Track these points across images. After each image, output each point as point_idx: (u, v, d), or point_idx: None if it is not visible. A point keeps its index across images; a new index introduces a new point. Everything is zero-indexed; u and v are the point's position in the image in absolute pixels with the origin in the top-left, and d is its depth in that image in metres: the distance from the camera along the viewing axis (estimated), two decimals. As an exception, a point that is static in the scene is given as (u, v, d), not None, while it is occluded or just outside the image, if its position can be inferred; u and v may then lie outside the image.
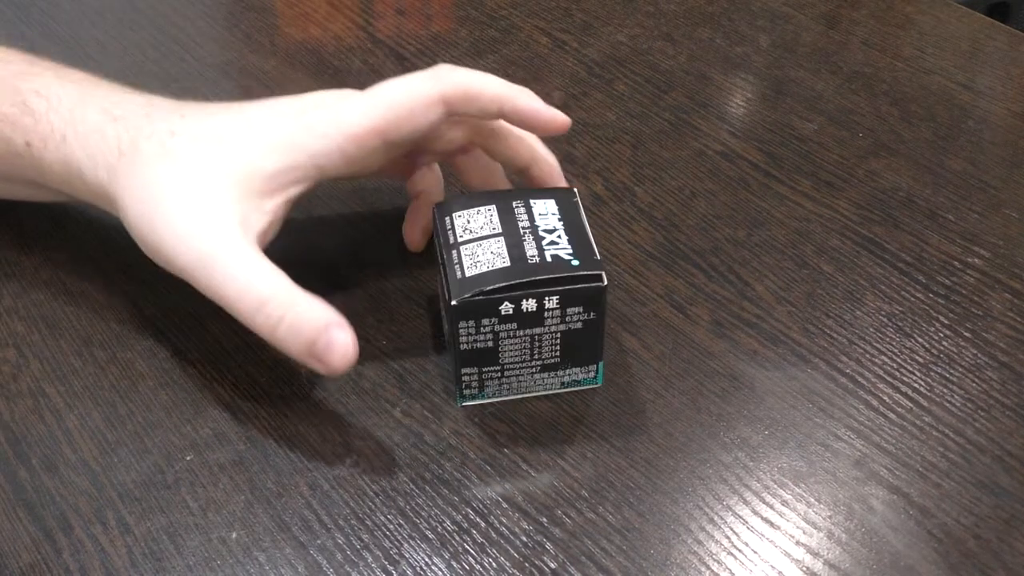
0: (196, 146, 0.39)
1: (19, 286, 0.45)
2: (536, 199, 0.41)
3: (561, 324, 0.39)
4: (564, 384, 0.41)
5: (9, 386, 0.41)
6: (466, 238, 0.39)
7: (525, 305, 0.37)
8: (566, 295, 0.38)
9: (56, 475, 0.38)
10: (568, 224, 0.40)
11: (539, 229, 0.39)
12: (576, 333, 0.39)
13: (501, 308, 0.37)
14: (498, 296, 0.37)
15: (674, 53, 0.61)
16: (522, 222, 0.39)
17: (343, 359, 0.36)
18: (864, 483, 0.39)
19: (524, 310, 0.38)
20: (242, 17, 0.63)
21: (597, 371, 0.41)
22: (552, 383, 0.41)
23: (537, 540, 0.37)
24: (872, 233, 0.50)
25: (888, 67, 0.60)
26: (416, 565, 0.36)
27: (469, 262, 0.38)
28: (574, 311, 0.38)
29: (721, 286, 0.47)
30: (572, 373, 0.41)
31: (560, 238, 0.39)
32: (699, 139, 0.55)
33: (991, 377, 0.43)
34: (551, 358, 0.40)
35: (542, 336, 0.39)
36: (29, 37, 0.60)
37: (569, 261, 0.38)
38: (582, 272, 0.38)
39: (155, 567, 0.36)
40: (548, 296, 0.37)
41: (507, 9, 0.65)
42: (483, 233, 0.39)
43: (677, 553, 0.37)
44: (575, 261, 0.38)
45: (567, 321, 0.38)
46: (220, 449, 0.39)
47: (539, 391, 0.41)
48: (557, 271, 0.37)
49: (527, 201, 0.40)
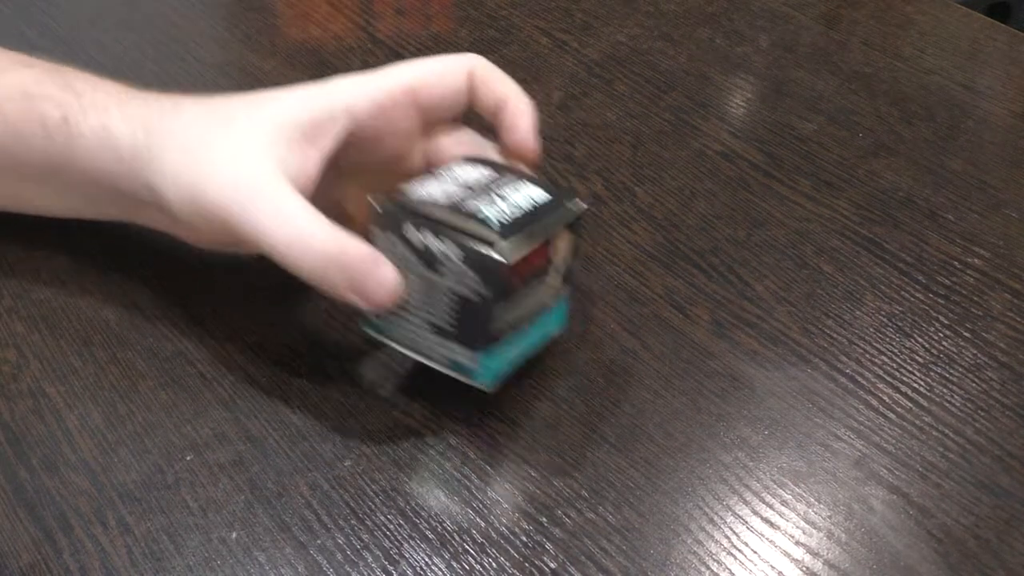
0: (235, 102, 0.40)
1: (19, 286, 0.45)
2: (536, 187, 0.39)
3: (457, 285, 0.37)
4: (450, 364, 0.38)
5: (9, 386, 0.41)
6: (443, 175, 0.39)
7: (431, 241, 0.36)
8: (468, 255, 0.36)
9: (56, 475, 0.38)
10: (535, 213, 0.38)
11: (505, 198, 0.38)
12: (469, 305, 0.37)
13: (410, 232, 0.37)
14: (412, 217, 0.37)
15: (674, 53, 0.61)
16: (499, 188, 0.38)
17: (389, 293, 0.37)
18: (864, 483, 0.39)
19: (428, 247, 0.36)
20: (242, 17, 0.63)
21: (484, 367, 0.38)
22: (441, 355, 0.39)
23: (537, 540, 0.37)
24: (872, 233, 0.50)
25: (888, 67, 0.60)
26: (416, 565, 0.36)
27: (420, 186, 0.38)
28: (471, 276, 0.36)
29: (721, 286, 0.47)
30: (456, 351, 0.38)
31: (512, 212, 0.37)
32: (699, 139, 0.55)
33: (991, 377, 0.43)
34: (442, 320, 0.38)
35: (439, 289, 0.37)
36: (29, 37, 0.60)
37: (491, 225, 0.36)
38: (491, 240, 0.36)
39: (155, 567, 0.36)
40: (451, 243, 0.36)
41: (507, 9, 0.65)
42: (459, 179, 0.39)
43: (677, 553, 0.37)
44: (496, 226, 0.36)
45: (463, 284, 0.36)
46: (220, 449, 0.39)
47: (430, 361, 0.39)
48: (469, 224, 0.36)
49: (526, 183, 0.39)
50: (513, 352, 0.39)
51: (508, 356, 0.39)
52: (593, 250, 0.48)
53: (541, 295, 0.39)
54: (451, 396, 0.41)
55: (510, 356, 0.39)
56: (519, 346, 0.39)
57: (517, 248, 0.36)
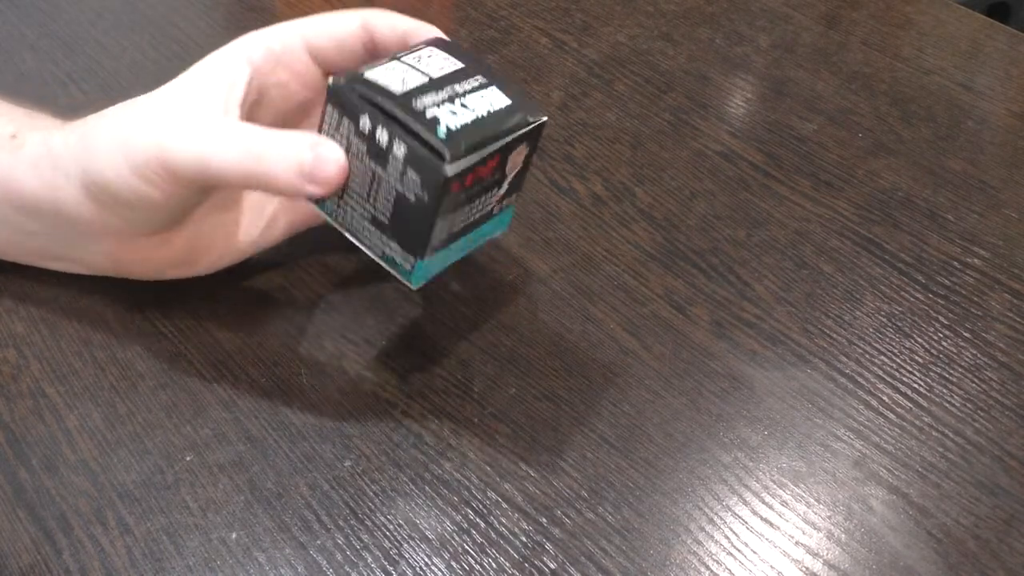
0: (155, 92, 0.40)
1: (19, 286, 0.45)
2: (498, 90, 0.38)
3: (398, 183, 0.36)
4: (384, 257, 0.38)
5: (9, 386, 0.41)
6: (407, 61, 0.38)
7: (378, 133, 0.36)
8: (411, 154, 0.35)
9: (56, 475, 0.38)
10: (489, 120, 0.37)
11: (462, 99, 0.37)
12: (409, 206, 0.36)
13: (360, 120, 0.36)
14: (362, 104, 0.36)
15: (674, 53, 0.61)
16: (459, 87, 0.37)
17: (337, 168, 0.36)
18: (863, 483, 0.39)
19: (376, 138, 0.36)
20: (242, 17, 0.63)
21: (415, 268, 0.37)
22: (376, 246, 0.38)
23: (537, 540, 0.37)
24: (872, 233, 0.50)
25: (888, 67, 0.60)
26: (416, 565, 0.36)
27: (381, 71, 0.37)
28: (413, 177, 0.35)
29: (721, 286, 0.47)
30: (393, 249, 0.38)
31: (464, 116, 0.36)
32: (699, 139, 0.55)
33: (990, 377, 0.43)
34: (382, 215, 0.37)
35: (381, 182, 0.36)
36: (29, 37, 0.60)
37: (439, 128, 0.35)
38: (432, 143, 0.35)
39: (155, 567, 0.36)
40: (397, 139, 0.35)
41: (507, 9, 0.65)
42: (421, 68, 0.38)
43: (677, 553, 0.37)
44: (442, 132, 0.35)
45: (404, 184, 0.36)
46: (220, 449, 0.39)
47: (365, 247, 0.39)
48: (416, 123, 0.35)
49: (489, 84, 0.38)
50: (450, 256, 0.39)
51: (443, 259, 0.39)
52: (593, 250, 0.48)
53: (487, 204, 0.39)
54: (451, 396, 0.41)
55: (446, 259, 0.39)
56: (456, 250, 0.39)
57: (462, 159, 0.35)
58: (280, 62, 0.41)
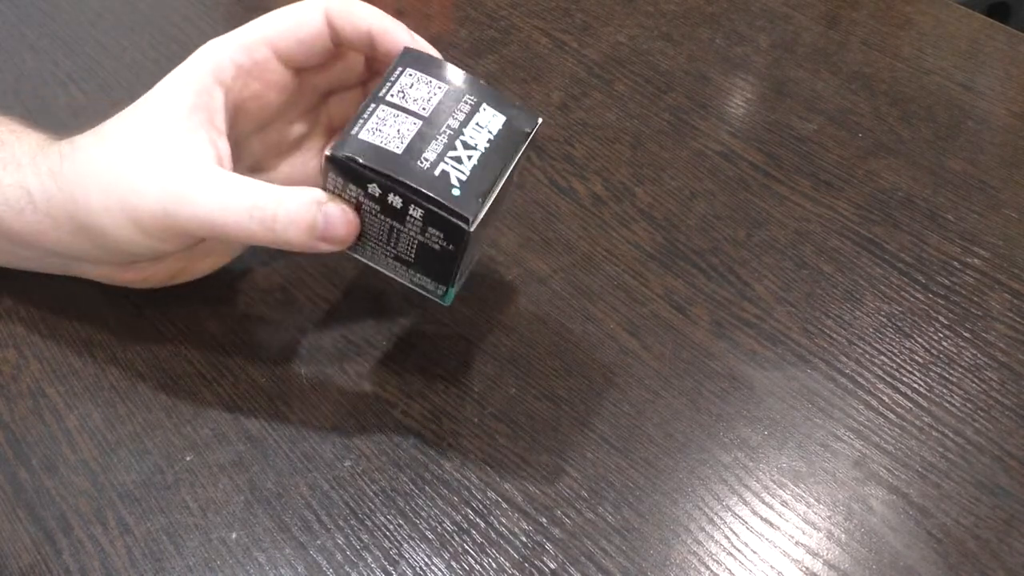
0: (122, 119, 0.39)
1: (19, 286, 0.45)
2: (489, 107, 0.38)
3: (420, 235, 0.37)
4: (413, 282, 0.39)
5: (9, 386, 0.41)
6: (393, 100, 0.37)
7: (391, 199, 0.36)
8: (429, 215, 0.36)
9: (56, 475, 0.38)
10: (492, 151, 0.37)
11: (461, 137, 0.37)
12: (433, 251, 0.37)
13: (369, 187, 0.36)
14: (369, 174, 0.36)
15: (674, 53, 0.61)
16: (453, 120, 0.37)
17: (347, 228, 0.37)
18: (863, 483, 0.39)
19: (388, 202, 0.36)
20: (242, 18, 0.63)
21: (446, 293, 0.39)
22: (403, 274, 0.39)
23: (537, 540, 0.37)
24: (872, 233, 0.50)
25: (888, 67, 0.61)
26: (416, 565, 0.36)
27: (374, 125, 0.37)
28: (435, 232, 0.36)
29: (721, 286, 0.47)
30: (422, 279, 0.39)
31: (470, 159, 0.36)
32: (699, 139, 0.55)
33: (990, 377, 0.43)
34: (406, 256, 0.38)
35: (400, 232, 0.37)
36: (29, 37, 0.60)
37: (452, 187, 0.36)
38: (451, 206, 0.35)
39: (155, 567, 0.36)
40: (413, 204, 0.36)
41: (507, 9, 0.65)
42: (410, 107, 0.37)
43: (677, 553, 0.37)
44: (456, 191, 0.36)
45: (427, 236, 0.36)
46: (220, 449, 0.39)
47: (391, 274, 0.39)
48: (431, 189, 0.35)
49: (479, 104, 0.38)
50: (469, 267, 0.40)
51: (465, 273, 0.39)
52: (593, 250, 0.48)
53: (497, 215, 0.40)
54: (451, 396, 0.41)
55: (467, 272, 0.40)
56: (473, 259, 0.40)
57: (480, 211, 0.36)
58: (251, 75, 0.40)
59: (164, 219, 0.37)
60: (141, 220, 0.37)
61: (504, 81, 0.58)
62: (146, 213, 0.37)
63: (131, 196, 0.37)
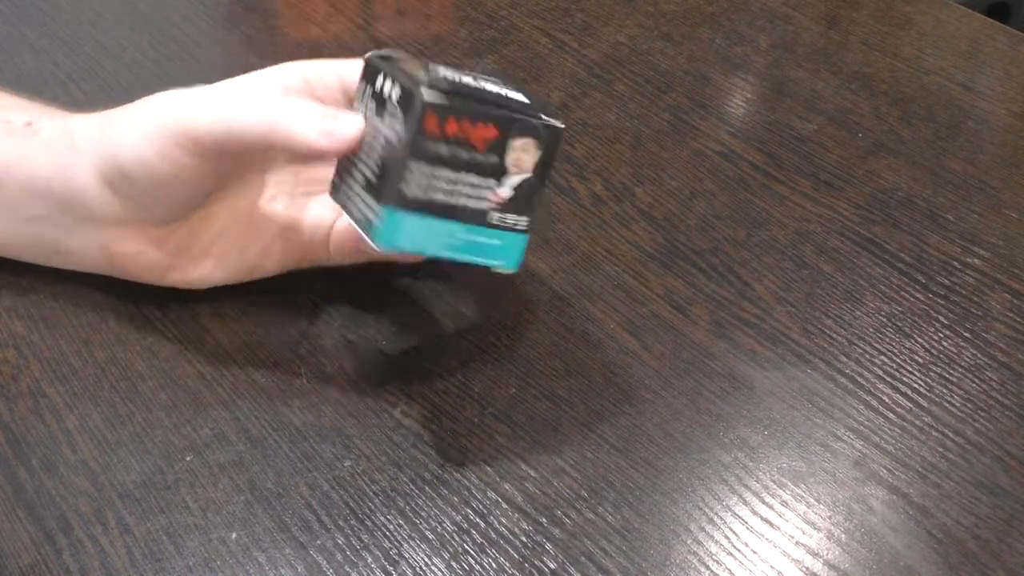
0: None
1: (19, 286, 0.45)
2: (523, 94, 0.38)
3: (389, 129, 0.36)
4: (364, 220, 0.37)
5: (9, 386, 0.41)
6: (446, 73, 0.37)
7: (385, 84, 0.36)
8: (403, 92, 0.35)
9: (56, 475, 0.38)
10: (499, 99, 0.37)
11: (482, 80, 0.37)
12: (391, 149, 0.35)
13: (377, 79, 0.37)
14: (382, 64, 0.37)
15: (674, 53, 0.61)
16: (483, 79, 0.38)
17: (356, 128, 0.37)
18: (864, 483, 0.39)
19: (382, 90, 0.36)
20: (242, 18, 0.63)
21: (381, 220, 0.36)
22: (362, 212, 0.37)
23: (537, 540, 0.37)
24: (872, 233, 0.50)
25: (888, 67, 0.61)
26: (416, 565, 0.36)
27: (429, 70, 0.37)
28: (398, 116, 0.35)
29: (721, 286, 0.47)
30: (371, 207, 0.36)
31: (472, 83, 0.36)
32: (699, 139, 0.55)
33: (991, 377, 0.43)
34: (372, 172, 0.36)
35: (378, 134, 0.36)
36: (29, 37, 0.60)
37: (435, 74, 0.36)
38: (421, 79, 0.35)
39: (155, 567, 0.36)
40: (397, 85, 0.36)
41: (507, 9, 0.65)
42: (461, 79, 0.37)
43: (677, 553, 0.37)
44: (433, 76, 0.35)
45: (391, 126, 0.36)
46: (220, 449, 0.39)
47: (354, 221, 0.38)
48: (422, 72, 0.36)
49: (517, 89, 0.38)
50: (430, 237, 0.36)
51: (414, 228, 0.36)
52: (593, 250, 0.48)
53: (480, 193, 0.37)
54: (451, 396, 0.41)
55: (424, 238, 0.36)
56: (438, 234, 0.36)
57: (442, 93, 0.35)
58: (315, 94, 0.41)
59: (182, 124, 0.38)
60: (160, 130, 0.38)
61: (504, 81, 0.58)
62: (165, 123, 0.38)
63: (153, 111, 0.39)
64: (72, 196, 0.41)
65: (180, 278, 0.43)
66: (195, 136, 0.38)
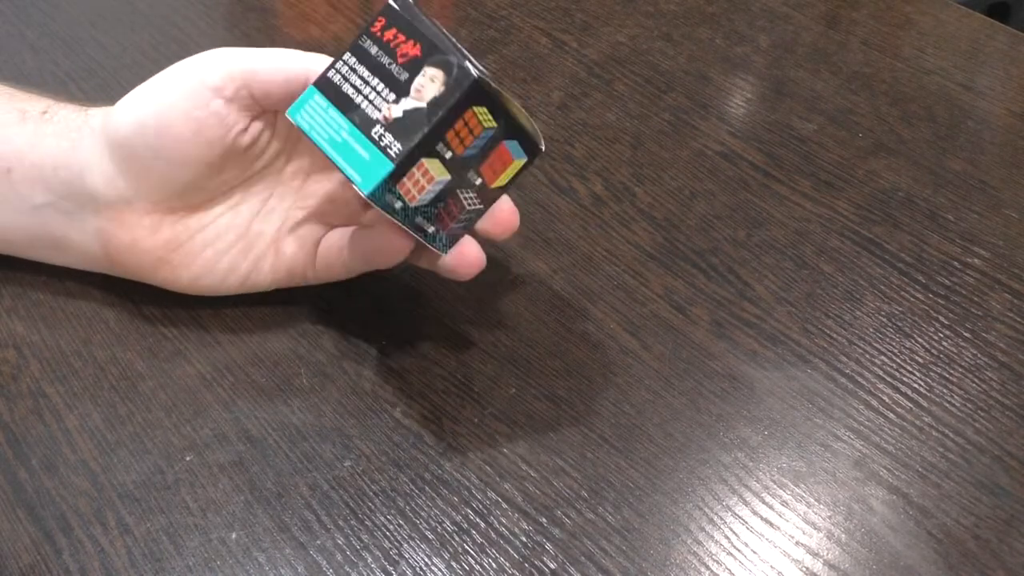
0: None
1: (19, 286, 0.45)
2: None
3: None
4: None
5: (9, 386, 0.41)
6: None
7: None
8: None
9: (56, 476, 0.38)
10: None
11: None
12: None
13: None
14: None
15: (674, 53, 0.61)
16: None
17: None
18: (864, 483, 0.39)
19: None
20: (242, 18, 0.63)
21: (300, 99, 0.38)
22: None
23: (537, 540, 0.37)
24: (872, 233, 0.50)
25: (888, 67, 0.61)
26: (416, 566, 0.36)
27: None
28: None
29: (721, 286, 0.47)
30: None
31: None
32: (699, 139, 0.55)
33: (991, 377, 0.43)
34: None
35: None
36: (29, 37, 0.60)
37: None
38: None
39: (155, 568, 0.36)
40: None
41: (507, 9, 0.65)
42: None
43: (677, 553, 0.37)
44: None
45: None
46: (220, 449, 0.39)
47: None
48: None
49: None
50: (321, 113, 0.38)
51: (316, 109, 0.38)
52: (593, 250, 0.48)
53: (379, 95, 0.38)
54: (451, 396, 0.41)
55: (318, 112, 0.38)
56: (329, 122, 0.38)
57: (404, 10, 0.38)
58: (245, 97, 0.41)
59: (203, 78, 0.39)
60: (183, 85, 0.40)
61: (504, 81, 0.58)
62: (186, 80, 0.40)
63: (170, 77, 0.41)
64: (75, 176, 0.41)
65: (170, 276, 0.42)
66: (215, 85, 0.39)
